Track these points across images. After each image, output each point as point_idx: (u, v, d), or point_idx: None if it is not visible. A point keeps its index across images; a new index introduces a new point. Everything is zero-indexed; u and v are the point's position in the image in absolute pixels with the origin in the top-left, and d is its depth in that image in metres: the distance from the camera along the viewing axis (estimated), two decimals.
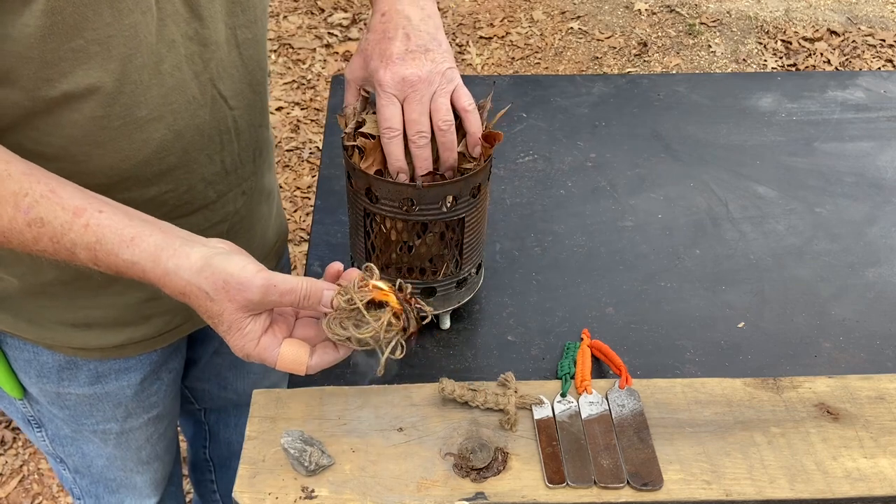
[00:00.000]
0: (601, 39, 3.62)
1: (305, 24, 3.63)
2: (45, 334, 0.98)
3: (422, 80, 0.84)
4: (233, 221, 1.02)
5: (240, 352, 0.78)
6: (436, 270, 0.96)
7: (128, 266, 0.75)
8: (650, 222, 1.21)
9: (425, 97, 0.85)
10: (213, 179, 0.96)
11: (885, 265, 1.14)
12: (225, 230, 1.01)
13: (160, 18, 0.81)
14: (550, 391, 0.92)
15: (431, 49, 0.86)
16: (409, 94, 0.84)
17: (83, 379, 1.04)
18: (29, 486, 2.00)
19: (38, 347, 1.00)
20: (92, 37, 0.76)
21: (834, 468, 0.85)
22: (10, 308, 0.97)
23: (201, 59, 0.87)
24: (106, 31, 0.76)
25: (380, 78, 0.85)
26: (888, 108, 1.46)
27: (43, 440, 1.14)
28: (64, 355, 1.01)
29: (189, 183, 0.93)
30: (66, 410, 1.08)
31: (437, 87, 0.85)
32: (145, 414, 1.13)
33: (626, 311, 1.06)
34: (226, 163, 0.96)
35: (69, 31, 0.74)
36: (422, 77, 0.84)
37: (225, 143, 0.95)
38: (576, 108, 1.45)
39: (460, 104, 0.87)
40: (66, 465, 1.18)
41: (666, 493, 0.82)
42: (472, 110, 0.87)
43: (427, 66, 0.85)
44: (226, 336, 0.77)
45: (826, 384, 0.93)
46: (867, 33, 3.65)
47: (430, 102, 0.85)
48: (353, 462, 0.84)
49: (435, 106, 0.85)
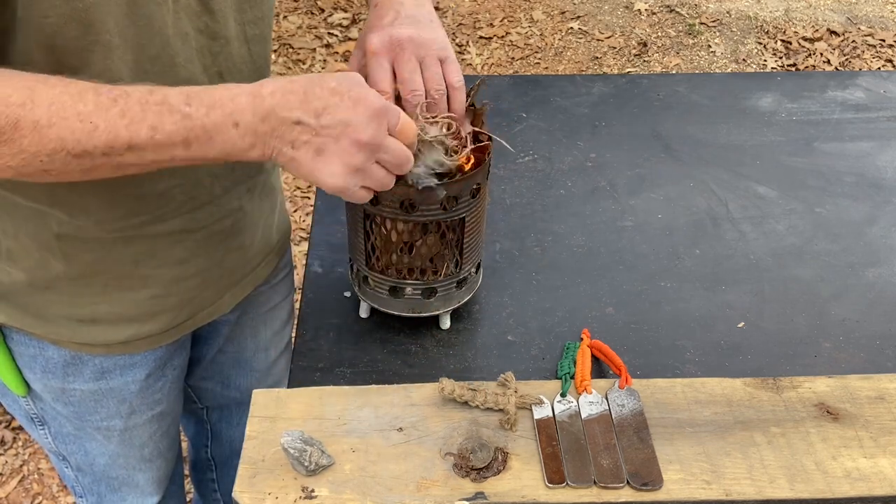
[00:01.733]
0: (601, 39, 3.62)
1: (305, 24, 3.63)
2: (51, 329, 0.99)
3: (412, 40, 0.84)
4: (237, 217, 1.02)
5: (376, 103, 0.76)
6: (436, 270, 0.96)
7: (222, 91, 0.74)
8: (650, 222, 1.21)
9: (416, 57, 0.84)
10: (220, 174, 0.97)
11: (885, 265, 1.14)
12: (229, 225, 1.01)
13: (175, 11, 0.82)
14: (550, 391, 0.92)
15: (422, 23, 0.86)
16: (398, 54, 0.84)
17: (88, 374, 1.04)
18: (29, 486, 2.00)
19: (43, 343, 1.00)
20: (109, 27, 0.76)
21: (834, 468, 0.85)
22: (17, 302, 0.97)
23: (210, 53, 0.88)
24: (122, 21, 0.77)
25: (369, 42, 0.84)
26: (888, 108, 1.46)
27: (46, 437, 1.14)
28: (69, 350, 1.01)
29: (196, 177, 0.94)
30: (70, 407, 1.08)
31: (428, 52, 0.84)
32: (149, 411, 1.13)
33: (626, 311, 1.06)
34: None
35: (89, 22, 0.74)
36: (412, 37, 0.84)
37: None
38: (576, 108, 1.45)
39: (450, 79, 0.86)
40: (68, 462, 1.18)
41: (666, 492, 0.82)
42: (460, 88, 0.86)
43: (418, 30, 0.84)
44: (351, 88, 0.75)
45: (826, 384, 0.93)
46: (867, 33, 3.65)
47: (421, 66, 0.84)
48: (353, 462, 0.84)
49: (428, 74, 0.84)
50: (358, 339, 1.02)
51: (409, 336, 1.02)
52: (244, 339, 1.25)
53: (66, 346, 1.00)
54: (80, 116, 0.70)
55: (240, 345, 1.25)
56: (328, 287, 1.08)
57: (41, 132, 0.69)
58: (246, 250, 1.07)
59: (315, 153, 0.75)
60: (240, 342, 1.24)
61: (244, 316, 1.21)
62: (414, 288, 0.96)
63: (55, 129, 0.69)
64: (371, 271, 0.97)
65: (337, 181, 0.77)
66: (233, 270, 1.07)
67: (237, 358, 1.27)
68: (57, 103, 0.69)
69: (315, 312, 1.05)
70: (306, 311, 1.05)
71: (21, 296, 0.96)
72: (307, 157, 0.76)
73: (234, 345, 1.24)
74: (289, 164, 0.77)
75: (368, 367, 0.98)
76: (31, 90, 0.69)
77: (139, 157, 0.73)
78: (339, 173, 0.77)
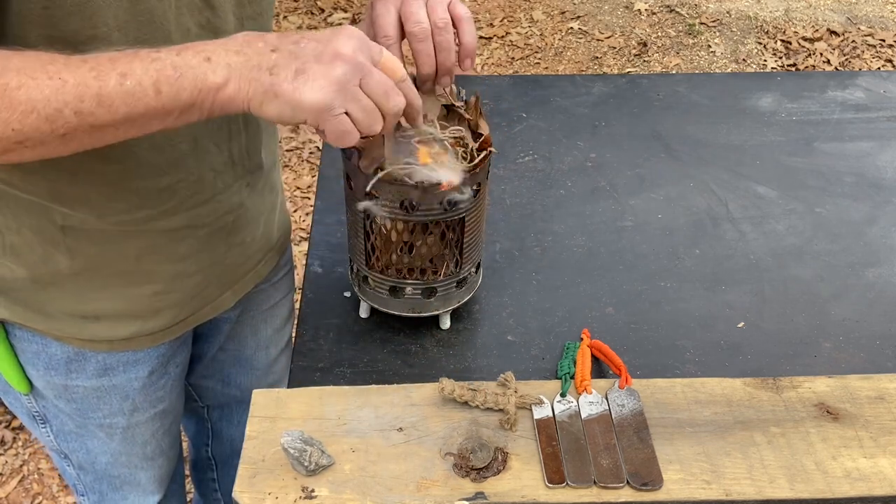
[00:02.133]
0: (601, 39, 3.62)
1: (305, 25, 3.63)
2: (54, 325, 0.99)
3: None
4: (238, 213, 1.03)
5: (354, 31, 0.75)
6: (436, 270, 0.96)
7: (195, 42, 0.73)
8: (650, 222, 1.21)
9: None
10: (222, 169, 0.97)
11: (885, 265, 1.14)
12: (231, 221, 1.02)
13: (176, 6, 0.82)
14: (550, 391, 0.92)
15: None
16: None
17: (91, 371, 1.04)
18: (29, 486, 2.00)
19: (46, 339, 1.00)
20: (111, 21, 0.76)
21: (834, 468, 0.85)
22: (20, 298, 0.97)
23: None
24: (123, 15, 0.77)
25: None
26: (888, 108, 1.46)
27: (47, 435, 1.14)
28: (73, 347, 1.01)
29: (199, 172, 0.94)
30: (72, 404, 1.08)
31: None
32: (151, 408, 1.13)
33: (626, 311, 1.06)
34: (233, 153, 0.98)
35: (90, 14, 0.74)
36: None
37: (233, 133, 0.96)
38: (576, 108, 1.45)
39: (457, 12, 0.86)
40: (70, 460, 1.18)
41: (666, 492, 0.82)
42: (468, 19, 0.87)
43: None
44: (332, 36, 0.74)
45: (826, 384, 0.93)
46: (867, 33, 3.65)
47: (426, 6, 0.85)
48: (353, 462, 0.84)
49: (431, 5, 0.85)
50: (358, 339, 1.02)
51: (409, 336, 1.02)
52: (245, 338, 1.25)
53: (69, 342, 1.01)
54: (48, 74, 0.69)
55: (240, 343, 1.25)
56: (328, 287, 1.09)
57: (10, 94, 0.68)
58: (247, 247, 1.08)
59: (295, 74, 0.72)
60: (240, 340, 1.25)
61: (245, 314, 1.21)
62: (414, 288, 0.96)
63: (24, 89, 0.69)
64: (371, 271, 0.97)
65: (319, 94, 0.72)
66: (234, 267, 1.08)
67: (237, 356, 1.27)
68: (27, 67, 0.69)
69: (315, 312, 1.05)
70: (306, 311, 1.05)
71: (24, 291, 0.96)
72: (287, 78, 0.72)
73: (234, 343, 1.24)
74: (268, 94, 0.72)
75: (368, 367, 0.98)
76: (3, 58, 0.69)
77: (110, 112, 0.71)
78: (323, 87, 0.72)
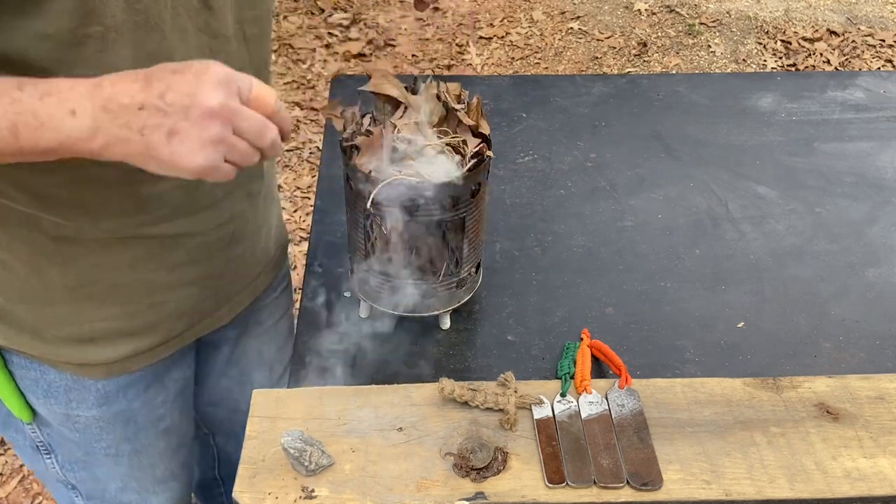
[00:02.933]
0: (601, 39, 3.62)
1: (305, 24, 3.63)
2: (50, 349, 0.97)
3: None
4: (238, 223, 1.02)
5: (220, 72, 0.73)
6: (436, 270, 0.96)
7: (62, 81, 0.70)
8: (650, 222, 1.21)
9: None
10: None
11: (885, 265, 1.14)
12: (231, 231, 1.01)
13: (173, 7, 0.81)
14: (550, 391, 0.92)
15: None
16: None
17: (91, 400, 1.03)
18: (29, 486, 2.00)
19: (43, 366, 0.99)
20: (106, 20, 0.76)
21: (834, 468, 0.85)
22: (13, 321, 0.96)
23: (210, 51, 0.87)
24: (119, 15, 0.76)
25: None
26: (888, 108, 1.46)
27: (53, 466, 1.12)
28: (70, 375, 1.00)
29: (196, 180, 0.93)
30: (76, 433, 1.06)
31: None
32: (153, 427, 1.11)
33: (626, 311, 1.06)
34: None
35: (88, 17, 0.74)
36: None
37: None
38: (576, 108, 1.45)
39: None
40: (78, 491, 1.15)
41: (666, 492, 0.82)
42: None
43: None
44: (199, 74, 0.72)
45: (826, 384, 0.93)
46: (867, 33, 3.65)
47: None
48: (353, 462, 0.84)
49: None
50: (358, 339, 1.02)
51: (409, 336, 1.02)
52: (248, 362, 1.24)
53: (65, 368, 0.99)
54: None
55: (244, 367, 1.24)
56: (328, 287, 1.09)
57: None
58: (245, 259, 1.07)
59: (168, 135, 0.71)
60: (244, 365, 1.23)
61: (245, 336, 1.20)
62: (414, 288, 0.96)
63: None
64: (371, 271, 0.97)
65: (198, 159, 0.71)
66: (231, 280, 1.07)
67: (242, 381, 1.25)
68: None
69: (315, 313, 1.05)
70: (306, 311, 1.05)
71: (17, 313, 0.95)
72: (161, 142, 0.71)
73: (238, 367, 1.23)
74: (144, 156, 0.71)
75: (368, 368, 0.98)
76: None
77: None
78: (199, 149, 0.71)
